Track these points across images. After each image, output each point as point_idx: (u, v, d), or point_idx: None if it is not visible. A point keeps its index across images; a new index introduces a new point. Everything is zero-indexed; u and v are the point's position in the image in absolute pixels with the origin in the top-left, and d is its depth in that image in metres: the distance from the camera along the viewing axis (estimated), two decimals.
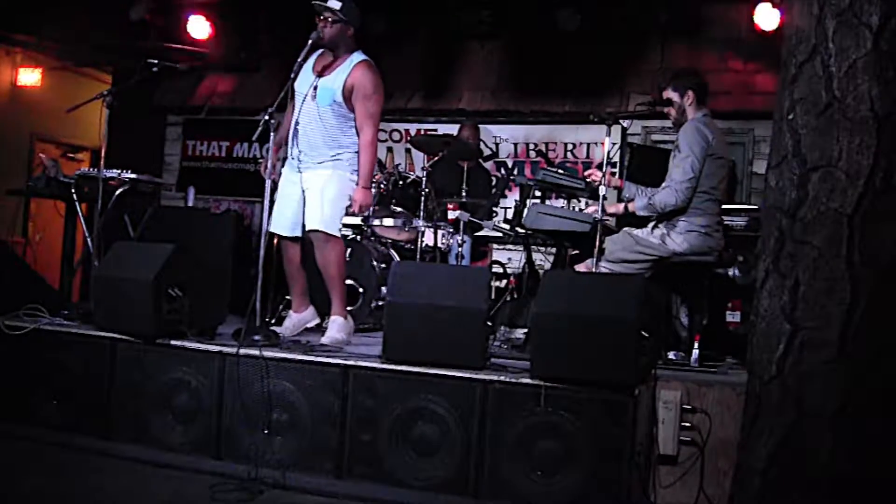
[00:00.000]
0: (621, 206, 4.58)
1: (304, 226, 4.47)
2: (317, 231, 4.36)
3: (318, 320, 4.76)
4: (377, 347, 3.95)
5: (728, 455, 3.55)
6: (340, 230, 4.48)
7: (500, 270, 6.58)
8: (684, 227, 4.37)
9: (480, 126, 7.54)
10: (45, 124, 8.60)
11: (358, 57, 4.39)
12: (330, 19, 4.31)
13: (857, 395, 2.83)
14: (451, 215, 6.05)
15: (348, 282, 5.66)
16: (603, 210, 4.32)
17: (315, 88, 4.36)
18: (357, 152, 4.43)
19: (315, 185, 4.39)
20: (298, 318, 4.68)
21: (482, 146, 7.48)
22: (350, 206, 4.46)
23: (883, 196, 2.82)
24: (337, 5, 4.30)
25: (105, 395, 4.07)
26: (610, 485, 3.39)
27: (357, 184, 4.42)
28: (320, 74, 4.39)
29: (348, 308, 4.85)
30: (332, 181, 4.38)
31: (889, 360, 2.84)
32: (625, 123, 7.10)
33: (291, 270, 4.65)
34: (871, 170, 2.82)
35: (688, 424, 3.71)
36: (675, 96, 4.52)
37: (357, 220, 5.69)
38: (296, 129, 4.42)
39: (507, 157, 7.64)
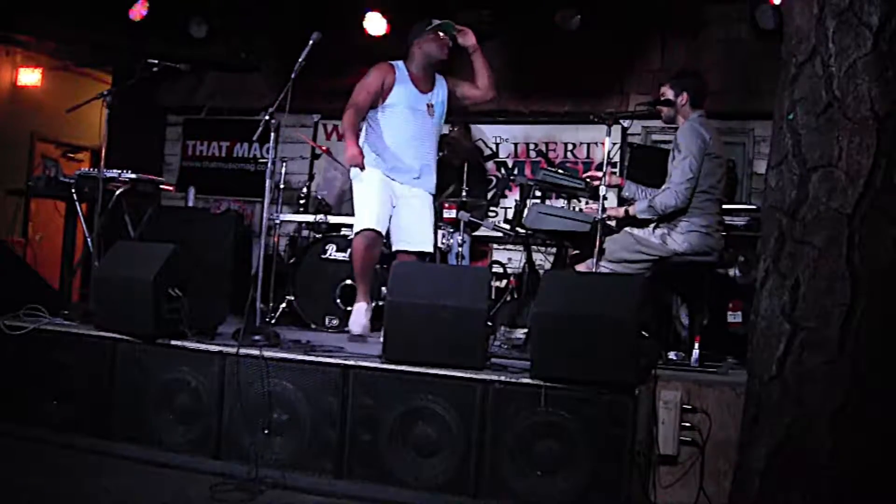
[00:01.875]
0: (622, 210, 4.58)
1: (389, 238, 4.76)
2: (430, 253, 4.78)
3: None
4: (377, 347, 3.95)
5: (728, 455, 3.54)
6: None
7: (500, 270, 6.58)
8: (685, 227, 4.37)
9: (481, 126, 7.56)
10: (45, 124, 8.60)
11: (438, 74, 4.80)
12: (447, 38, 4.68)
13: (857, 395, 2.83)
14: (448, 214, 6.05)
15: (347, 281, 5.69)
16: (603, 210, 4.31)
17: (430, 106, 4.69)
18: None
19: (424, 208, 4.74)
20: (368, 309, 4.75)
21: (482, 146, 7.49)
22: None
23: (883, 196, 2.83)
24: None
25: (105, 395, 4.07)
26: (610, 485, 3.39)
27: None
28: (425, 92, 4.70)
29: (347, 308, 4.87)
30: (432, 206, 4.81)
31: (889, 360, 2.84)
32: (625, 123, 7.15)
33: (373, 265, 4.77)
34: (871, 170, 2.82)
35: (688, 424, 3.70)
36: (670, 94, 4.53)
37: None
38: (408, 145, 4.65)
39: (507, 157, 7.64)
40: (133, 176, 5.18)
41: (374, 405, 3.70)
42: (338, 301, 5.68)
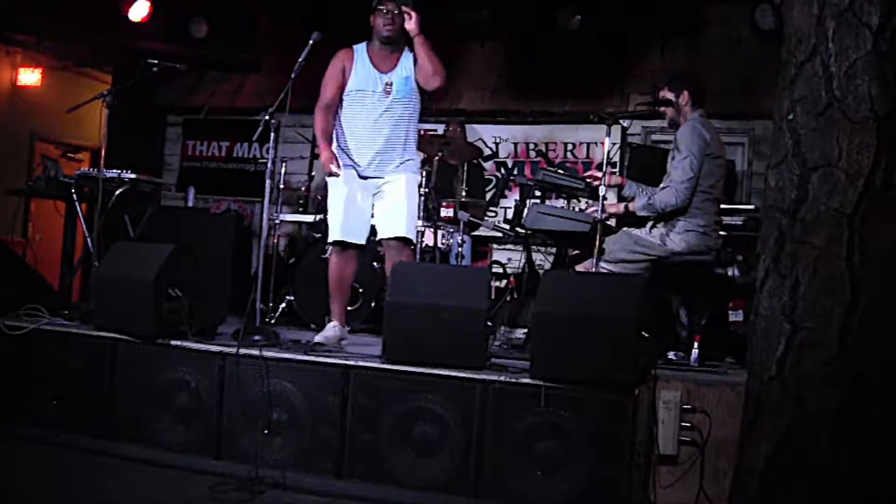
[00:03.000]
0: (621, 206, 4.58)
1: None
2: (403, 238, 4.40)
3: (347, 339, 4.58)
4: (377, 347, 3.95)
5: (728, 455, 3.55)
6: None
7: (500, 270, 6.58)
8: (683, 226, 4.37)
9: (481, 126, 7.56)
10: (45, 124, 8.59)
11: (408, 50, 4.48)
12: (396, 12, 4.36)
13: (857, 395, 2.83)
14: (444, 213, 6.05)
15: None
16: (603, 210, 4.32)
17: (389, 85, 4.40)
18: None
19: (397, 191, 4.42)
20: (343, 331, 4.56)
21: (482, 146, 7.49)
22: None
23: (883, 196, 2.83)
24: None
25: (105, 395, 4.07)
26: (610, 485, 3.39)
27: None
28: (384, 71, 4.43)
29: (348, 308, 4.86)
30: (411, 188, 4.47)
31: (889, 360, 2.84)
32: (625, 123, 7.11)
33: (345, 284, 4.58)
34: (871, 170, 2.82)
35: (688, 424, 3.71)
36: (671, 96, 4.53)
37: None
38: (364, 130, 4.42)
39: (507, 157, 7.64)
40: (133, 176, 5.18)
41: (374, 405, 3.71)
42: None
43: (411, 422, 3.66)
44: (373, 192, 4.47)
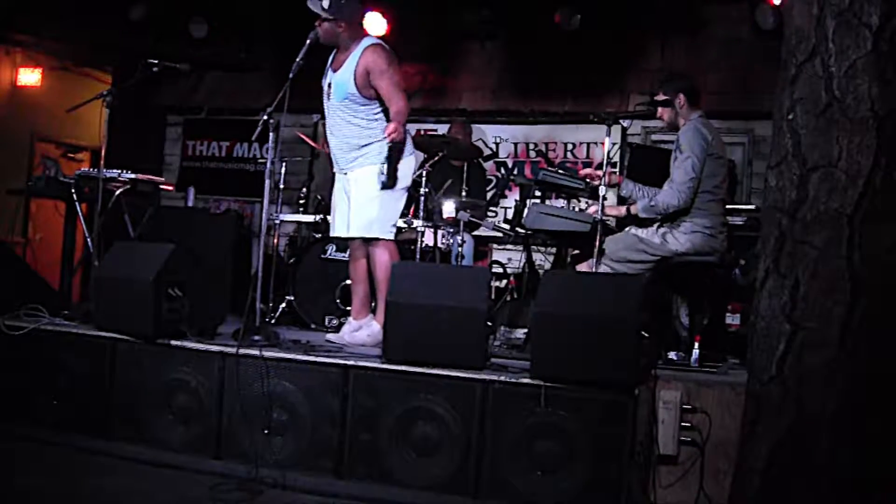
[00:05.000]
0: (623, 209, 4.58)
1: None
2: (353, 238, 4.50)
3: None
4: (377, 347, 3.95)
5: (728, 455, 3.55)
6: (391, 231, 4.50)
7: (500, 270, 6.58)
8: (688, 227, 4.37)
9: (481, 126, 7.55)
10: (45, 124, 8.59)
11: (366, 42, 4.43)
12: (323, 17, 4.40)
13: (857, 395, 2.83)
14: (446, 213, 6.04)
15: (347, 282, 5.68)
16: (603, 210, 4.31)
17: (330, 86, 4.47)
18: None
19: (351, 190, 4.49)
20: (353, 324, 4.63)
21: (482, 146, 7.49)
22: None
23: (883, 196, 2.83)
24: (325, 3, 4.36)
25: (105, 395, 4.07)
26: (610, 485, 3.39)
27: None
28: (335, 71, 4.47)
29: (347, 308, 4.86)
30: (362, 183, 4.43)
31: (889, 360, 2.84)
32: (625, 123, 7.16)
33: (353, 274, 4.65)
34: (871, 170, 2.83)
35: (688, 424, 3.70)
36: (666, 99, 4.53)
37: None
38: (330, 132, 4.53)
39: (507, 157, 7.64)
40: (133, 176, 5.18)
41: (374, 405, 3.70)
42: (338, 301, 5.67)
43: (411, 422, 3.66)
44: (346, 188, 4.56)
